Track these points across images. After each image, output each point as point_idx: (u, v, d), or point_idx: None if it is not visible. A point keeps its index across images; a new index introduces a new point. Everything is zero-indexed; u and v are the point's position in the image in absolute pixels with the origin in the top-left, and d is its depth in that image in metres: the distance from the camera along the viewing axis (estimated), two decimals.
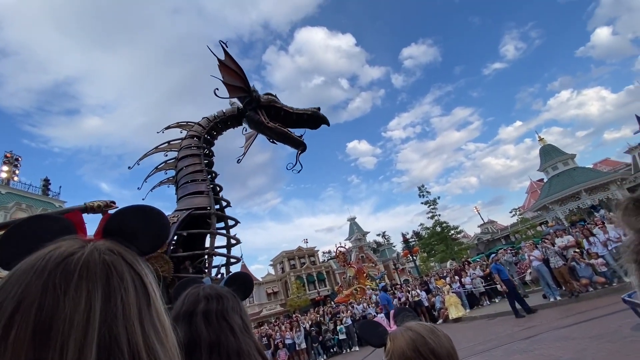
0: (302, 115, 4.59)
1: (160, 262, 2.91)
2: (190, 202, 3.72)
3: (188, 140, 4.41)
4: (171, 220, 3.34)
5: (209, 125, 4.65)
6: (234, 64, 4.30)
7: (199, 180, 3.99)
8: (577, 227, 15.10)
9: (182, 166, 4.16)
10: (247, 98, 4.51)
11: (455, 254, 34.76)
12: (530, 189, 55.61)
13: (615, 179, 32.66)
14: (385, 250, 53.76)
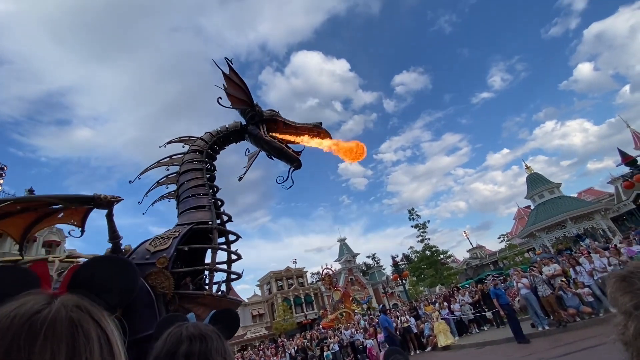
0: (306, 128, 4.68)
1: (161, 278, 2.84)
2: (192, 216, 3.67)
3: (190, 155, 4.40)
4: (172, 235, 3.26)
5: (211, 140, 4.65)
6: (238, 79, 4.40)
7: (201, 195, 3.95)
8: (563, 256, 15.29)
9: (184, 180, 4.13)
10: (249, 113, 4.55)
11: (444, 278, 34.56)
12: (517, 215, 56.41)
13: (600, 209, 33.46)
14: (374, 273, 53.11)
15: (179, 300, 3.02)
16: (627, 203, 33.51)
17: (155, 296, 2.78)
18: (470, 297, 15.48)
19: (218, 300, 3.22)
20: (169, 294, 2.88)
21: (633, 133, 46.36)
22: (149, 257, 3.05)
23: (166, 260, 2.95)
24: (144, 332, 2.62)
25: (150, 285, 2.80)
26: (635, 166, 14.86)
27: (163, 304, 2.85)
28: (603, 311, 9.82)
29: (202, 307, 3.07)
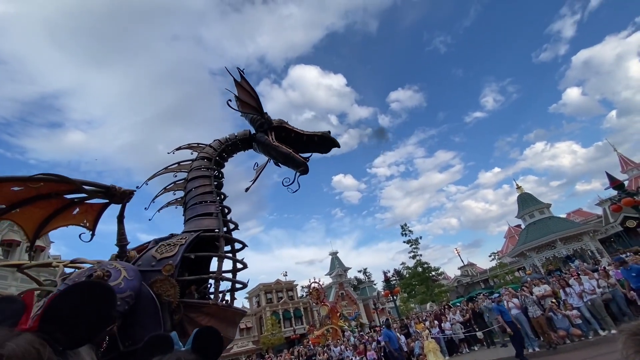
0: (312, 138, 4.63)
1: (167, 286, 2.76)
2: (199, 223, 3.61)
3: (199, 162, 4.36)
4: (179, 242, 3.20)
5: (220, 148, 4.62)
6: (249, 87, 4.47)
7: (208, 202, 3.91)
8: (553, 276, 15.38)
9: (192, 187, 4.09)
10: (258, 121, 4.57)
11: (435, 296, 34.38)
12: (508, 234, 56.86)
13: (588, 230, 33.96)
14: (365, 288, 52.59)
15: (183, 309, 2.91)
16: (614, 225, 34.10)
17: (160, 305, 2.71)
18: (461, 316, 15.38)
19: (223, 310, 3.15)
20: (174, 303, 2.79)
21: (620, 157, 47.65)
22: (155, 264, 2.98)
23: (172, 267, 2.88)
24: None
25: (155, 293, 2.74)
26: (622, 190, 15.19)
27: (168, 312, 2.78)
28: (592, 334, 9.85)
29: (208, 316, 3.00)
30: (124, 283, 2.59)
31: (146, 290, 2.76)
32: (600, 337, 9.55)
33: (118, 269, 2.68)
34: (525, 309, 10.82)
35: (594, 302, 10.19)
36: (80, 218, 3.39)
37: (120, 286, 2.55)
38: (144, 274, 2.90)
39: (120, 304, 2.50)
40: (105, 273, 2.58)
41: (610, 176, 15.90)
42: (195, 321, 2.92)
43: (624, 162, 46.63)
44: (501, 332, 13.32)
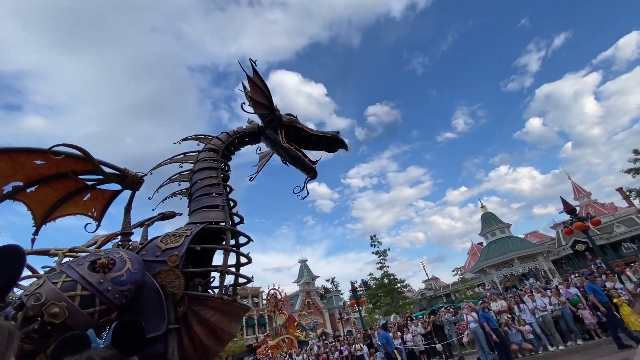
0: (321, 138, 4.61)
1: (171, 277, 2.66)
2: (205, 215, 3.48)
3: (206, 153, 4.24)
4: (184, 233, 3.08)
5: (227, 140, 4.49)
6: (261, 82, 4.30)
7: (215, 194, 3.78)
8: (510, 293, 16.16)
9: (198, 179, 3.96)
10: (268, 116, 4.45)
11: (399, 308, 35.01)
12: (471, 250, 59.36)
13: (543, 251, 36.26)
14: (332, 297, 52.54)
15: (188, 302, 2.80)
16: (565, 248, 36.68)
17: (165, 296, 2.60)
18: (422, 328, 15.73)
19: (228, 304, 3.03)
20: (178, 294, 2.68)
21: (573, 185, 51.64)
22: (160, 254, 2.85)
23: (178, 258, 2.78)
24: (149, 333, 2.41)
25: (159, 284, 2.64)
26: (574, 214, 16.38)
27: (172, 304, 2.67)
28: (542, 349, 10.42)
29: (212, 310, 2.89)
30: (127, 275, 2.49)
31: (150, 280, 2.66)
32: (549, 353, 10.14)
33: (124, 260, 2.57)
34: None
35: (544, 318, 10.81)
36: (89, 206, 3.25)
37: (122, 278, 2.46)
38: (148, 264, 2.80)
39: (118, 297, 2.39)
40: (109, 261, 2.47)
41: (565, 201, 17.10)
42: (200, 314, 2.82)
43: (577, 190, 50.58)
44: (459, 344, 13.76)
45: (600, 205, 47.10)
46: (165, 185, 4.17)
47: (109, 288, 2.35)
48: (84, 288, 2.27)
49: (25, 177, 2.78)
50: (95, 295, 2.28)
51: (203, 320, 2.79)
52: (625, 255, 32.35)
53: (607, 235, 34.48)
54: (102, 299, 2.31)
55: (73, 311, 2.17)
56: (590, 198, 48.76)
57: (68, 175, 2.94)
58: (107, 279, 2.37)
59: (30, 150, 2.60)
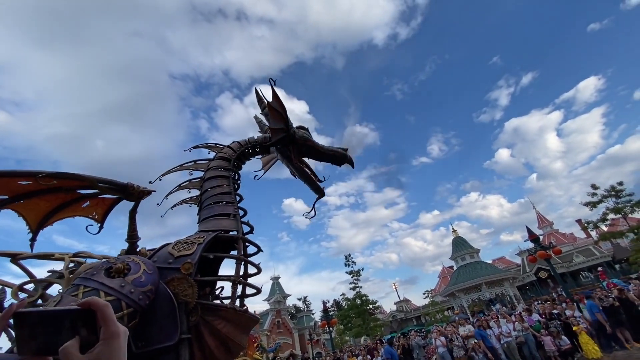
0: (330, 154, 4.72)
1: (184, 285, 2.58)
2: (217, 223, 3.41)
3: (217, 162, 4.18)
4: (197, 241, 2.98)
5: (239, 150, 4.44)
6: (280, 105, 4.22)
7: (226, 202, 3.72)
8: (477, 318, 16.49)
9: (209, 187, 3.90)
10: (282, 134, 4.44)
11: (370, 329, 34.67)
12: (442, 274, 60.47)
13: (509, 277, 37.55)
14: (303, 317, 51.25)
15: (200, 311, 2.68)
16: (530, 274, 38.21)
17: (177, 304, 2.51)
18: None
19: (240, 315, 2.91)
20: (191, 303, 2.58)
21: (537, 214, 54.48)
22: (172, 261, 2.77)
23: (191, 266, 2.69)
24: (161, 343, 2.34)
25: (171, 292, 2.54)
26: (538, 243, 17.22)
27: (185, 313, 2.56)
28: None
29: (224, 321, 2.77)
30: (145, 277, 2.45)
31: (163, 288, 2.55)
32: None
33: (137, 263, 2.53)
34: (451, 350, 11.42)
35: (509, 344, 11.07)
36: (89, 211, 3.06)
37: (141, 280, 2.42)
38: (160, 271, 2.69)
39: (142, 298, 2.36)
40: (125, 266, 2.41)
41: (530, 230, 17.98)
42: (212, 324, 2.71)
43: (541, 219, 53.37)
44: None
45: (562, 235, 49.84)
46: (174, 192, 4.08)
47: (132, 290, 2.33)
48: (108, 294, 2.23)
49: (9, 191, 2.60)
50: (121, 299, 2.25)
51: (215, 330, 2.71)
52: (583, 283, 34.13)
53: (567, 264, 36.36)
54: (128, 301, 2.28)
55: None
56: (552, 228, 51.52)
57: (61, 190, 2.77)
58: (127, 282, 2.34)
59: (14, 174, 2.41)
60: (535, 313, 13.00)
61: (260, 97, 4.81)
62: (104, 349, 0.66)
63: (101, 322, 0.69)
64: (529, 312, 13.13)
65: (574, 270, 36.48)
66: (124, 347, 0.69)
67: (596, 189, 26.15)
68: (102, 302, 0.71)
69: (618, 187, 25.18)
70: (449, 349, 11.47)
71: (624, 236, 26.31)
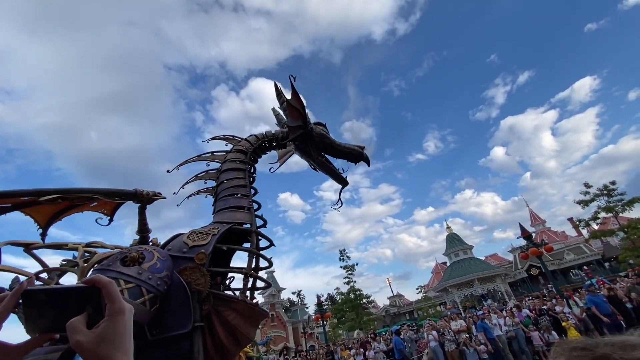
0: (347, 151, 4.71)
1: (197, 274, 2.64)
2: (231, 215, 3.44)
3: (234, 154, 4.22)
4: (211, 232, 3.02)
5: (256, 143, 4.47)
6: (299, 103, 4.20)
7: (241, 195, 3.75)
8: (469, 313, 16.73)
9: (225, 179, 3.94)
10: (300, 131, 4.44)
11: (363, 324, 35.02)
12: (435, 269, 61.13)
13: (501, 274, 38.07)
14: (297, 311, 51.60)
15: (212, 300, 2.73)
16: (521, 271, 38.78)
17: (190, 293, 2.58)
18: (385, 345, 15.82)
19: (250, 308, 2.95)
20: (204, 292, 2.64)
21: (530, 212, 55.14)
22: (186, 250, 2.82)
23: (205, 256, 2.74)
24: (175, 331, 2.42)
25: (184, 281, 2.61)
26: (530, 240, 17.45)
27: (197, 302, 2.62)
28: None
29: (234, 312, 2.82)
30: (160, 263, 2.55)
31: (176, 277, 2.61)
32: None
33: (150, 251, 2.61)
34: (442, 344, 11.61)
35: (499, 339, 11.26)
36: (98, 208, 3.11)
37: (157, 266, 2.51)
38: (174, 259, 2.75)
39: (160, 283, 2.45)
40: (139, 255, 2.49)
41: (523, 227, 18.21)
42: (222, 315, 2.76)
43: (533, 217, 54.03)
44: None
45: (553, 233, 50.56)
46: (191, 182, 4.11)
47: (150, 276, 2.41)
48: (127, 282, 2.30)
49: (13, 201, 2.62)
50: (141, 286, 2.33)
51: (224, 321, 2.76)
52: (573, 281, 34.73)
53: (558, 262, 36.93)
54: (148, 287, 2.36)
55: None
56: (544, 225, 52.22)
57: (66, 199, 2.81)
58: (144, 270, 2.42)
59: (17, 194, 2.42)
60: (525, 309, 13.23)
61: (279, 92, 4.83)
62: (109, 324, 0.67)
63: (106, 299, 0.69)
64: (519, 308, 13.35)
65: (564, 267, 37.09)
66: (130, 323, 0.71)
67: (589, 187, 26.50)
68: (107, 280, 0.71)
69: (610, 186, 25.53)
70: (441, 343, 11.64)
71: (614, 235, 26.74)
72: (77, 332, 0.65)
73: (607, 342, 0.40)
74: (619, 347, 0.38)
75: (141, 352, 2.42)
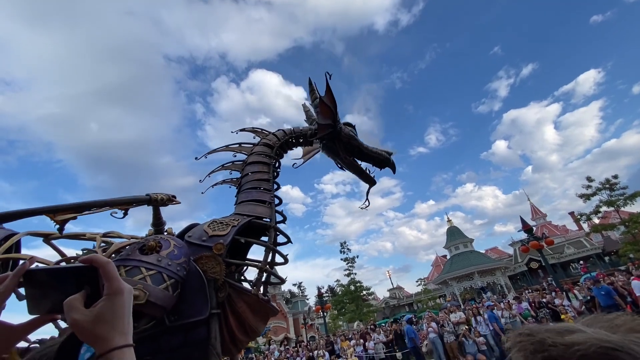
0: (374, 156, 4.72)
1: (212, 263, 2.71)
2: (252, 209, 3.49)
3: (261, 147, 4.25)
4: (231, 223, 3.08)
5: (284, 139, 4.47)
6: (331, 101, 4.18)
7: (264, 189, 3.78)
8: (468, 305, 16.85)
9: (249, 171, 3.98)
10: (329, 130, 4.38)
11: (363, 315, 35.38)
12: (435, 262, 61.42)
13: (501, 267, 38.23)
14: (298, 302, 52.14)
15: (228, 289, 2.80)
16: (521, 265, 38.93)
17: (207, 281, 2.65)
18: (384, 336, 15.99)
19: (261, 303, 2.98)
20: (219, 280, 2.70)
21: (532, 206, 55.09)
22: (206, 239, 2.88)
23: (223, 247, 2.80)
24: (192, 317, 2.50)
25: (200, 269, 2.68)
26: (531, 234, 17.47)
27: (214, 289, 2.69)
28: None
29: (245, 305, 2.85)
30: (177, 250, 2.64)
31: (193, 265, 2.69)
32: None
33: (166, 239, 2.70)
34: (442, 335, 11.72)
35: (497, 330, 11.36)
36: None
37: (175, 253, 2.61)
38: (193, 246, 2.83)
39: (179, 269, 2.55)
40: (157, 243, 2.58)
41: (524, 221, 18.20)
42: (234, 305, 2.81)
43: (534, 211, 54.01)
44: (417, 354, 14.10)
45: (554, 226, 50.58)
46: (216, 171, 4.16)
47: (169, 263, 2.50)
48: (148, 269, 2.38)
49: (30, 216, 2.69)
50: (162, 272, 2.41)
51: (235, 311, 2.82)
52: (573, 274, 34.87)
53: (558, 255, 37.03)
54: (169, 273, 2.45)
55: (151, 289, 2.30)
56: (545, 220, 52.23)
57: None
58: (163, 257, 2.51)
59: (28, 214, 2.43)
60: (525, 302, 13.31)
61: (312, 88, 4.72)
62: (107, 304, 0.66)
63: (104, 279, 0.68)
64: (519, 300, 13.43)
65: (564, 261, 37.20)
66: (128, 304, 0.70)
67: (591, 181, 26.40)
68: (104, 259, 0.70)
69: (613, 180, 25.43)
70: (440, 335, 11.75)
71: (615, 228, 26.73)
72: (74, 311, 0.64)
73: (548, 328, 0.42)
74: (556, 332, 0.40)
75: (160, 338, 2.50)
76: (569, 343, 0.36)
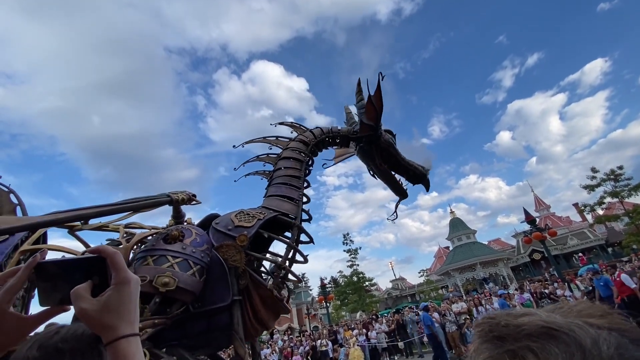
0: (409, 169, 4.65)
1: (232, 251, 2.77)
2: (279, 204, 3.51)
3: (296, 143, 4.22)
4: (257, 216, 3.14)
5: (320, 137, 4.42)
6: (379, 103, 4.15)
7: (294, 186, 3.77)
8: (470, 296, 16.96)
9: (282, 166, 3.97)
10: (370, 132, 4.30)
11: (366, 305, 35.75)
12: (437, 254, 61.60)
13: (503, 258, 38.33)
14: (301, 293, 52.73)
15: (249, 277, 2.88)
16: (524, 256, 38.98)
17: (228, 269, 2.73)
18: (387, 326, 16.19)
19: (274, 300, 3.01)
20: (240, 268, 2.77)
21: (535, 197, 54.82)
22: (231, 228, 2.95)
23: (246, 239, 2.86)
24: (215, 304, 2.59)
25: (222, 258, 2.76)
26: (534, 225, 17.44)
27: (235, 277, 2.77)
28: None
29: (259, 298, 2.91)
30: (199, 238, 2.74)
31: (214, 253, 2.79)
32: None
33: (187, 229, 2.80)
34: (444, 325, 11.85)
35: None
36: None
37: (197, 241, 2.70)
38: (218, 234, 2.92)
39: (203, 256, 2.65)
40: (179, 233, 2.68)
41: (527, 212, 18.16)
42: (250, 295, 2.89)
43: (538, 202, 53.76)
44: (420, 343, 14.28)
45: (557, 218, 50.37)
46: (251, 162, 4.20)
47: (193, 250, 2.61)
48: (174, 257, 2.49)
49: None
50: (187, 259, 2.53)
51: (250, 300, 2.90)
52: (575, 265, 34.88)
53: (561, 247, 37.00)
54: (194, 260, 2.56)
55: (179, 275, 2.41)
56: (549, 211, 52.02)
57: None
58: (187, 244, 2.62)
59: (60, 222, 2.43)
60: (527, 292, 13.38)
61: (360, 88, 4.65)
62: (114, 294, 0.67)
63: (112, 269, 0.70)
64: (521, 291, 13.51)
65: (567, 252, 37.19)
66: (135, 294, 0.71)
67: (596, 172, 26.19)
68: (112, 250, 0.72)
69: (618, 171, 25.20)
70: (442, 325, 11.87)
71: (619, 220, 26.60)
72: (81, 300, 0.65)
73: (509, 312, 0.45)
74: (513, 316, 0.43)
75: (184, 324, 2.60)
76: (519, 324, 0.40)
